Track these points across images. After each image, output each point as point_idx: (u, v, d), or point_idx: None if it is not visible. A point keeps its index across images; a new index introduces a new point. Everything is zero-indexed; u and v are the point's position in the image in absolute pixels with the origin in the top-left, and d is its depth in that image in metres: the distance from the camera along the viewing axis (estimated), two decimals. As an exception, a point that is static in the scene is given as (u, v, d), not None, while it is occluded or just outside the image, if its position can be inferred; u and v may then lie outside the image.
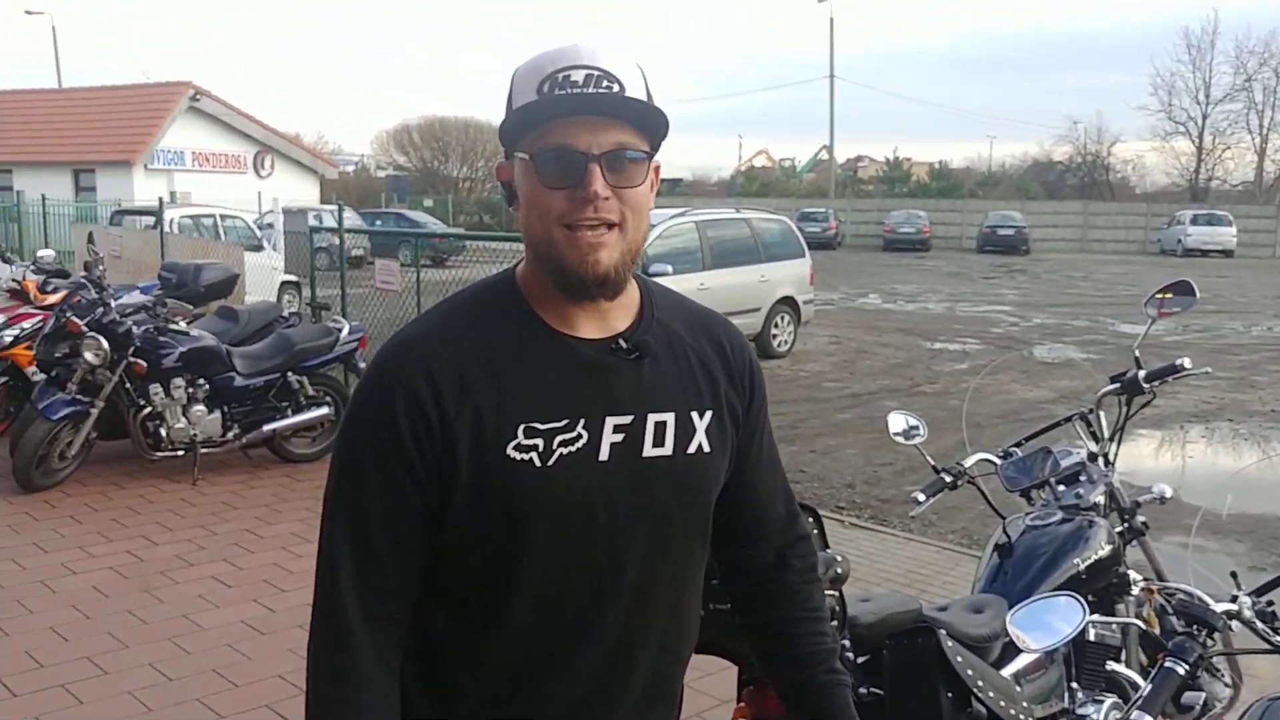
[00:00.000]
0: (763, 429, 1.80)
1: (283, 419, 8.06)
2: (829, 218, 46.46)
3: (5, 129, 32.83)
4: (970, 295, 25.90)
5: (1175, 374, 3.60)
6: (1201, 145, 58.45)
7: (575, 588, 1.58)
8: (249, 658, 4.88)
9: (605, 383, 1.58)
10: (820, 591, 1.88)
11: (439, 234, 23.31)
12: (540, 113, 1.50)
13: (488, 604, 1.58)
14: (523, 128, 1.52)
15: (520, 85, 1.54)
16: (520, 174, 1.55)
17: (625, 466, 1.58)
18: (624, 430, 1.58)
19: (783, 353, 15.04)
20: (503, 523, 1.53)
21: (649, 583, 1.63)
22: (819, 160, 66.94)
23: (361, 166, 59.61)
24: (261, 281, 13.42)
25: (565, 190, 1.50)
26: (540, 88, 1.50)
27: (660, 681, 1.71)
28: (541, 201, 1.51)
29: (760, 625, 1.85)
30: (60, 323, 7.55)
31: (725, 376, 1.70)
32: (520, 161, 1.54)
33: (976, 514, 7.32)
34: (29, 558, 6.15)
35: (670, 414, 1.62)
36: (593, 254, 1.51)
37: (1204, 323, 19.52)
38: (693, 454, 1.64)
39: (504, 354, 1.55)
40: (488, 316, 1.59)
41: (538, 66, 1.52)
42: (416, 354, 1.55)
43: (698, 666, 1.90)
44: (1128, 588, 3.27)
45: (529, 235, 1.56)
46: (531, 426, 1.53)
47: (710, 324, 1.75)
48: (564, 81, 1.50)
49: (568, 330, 1.58)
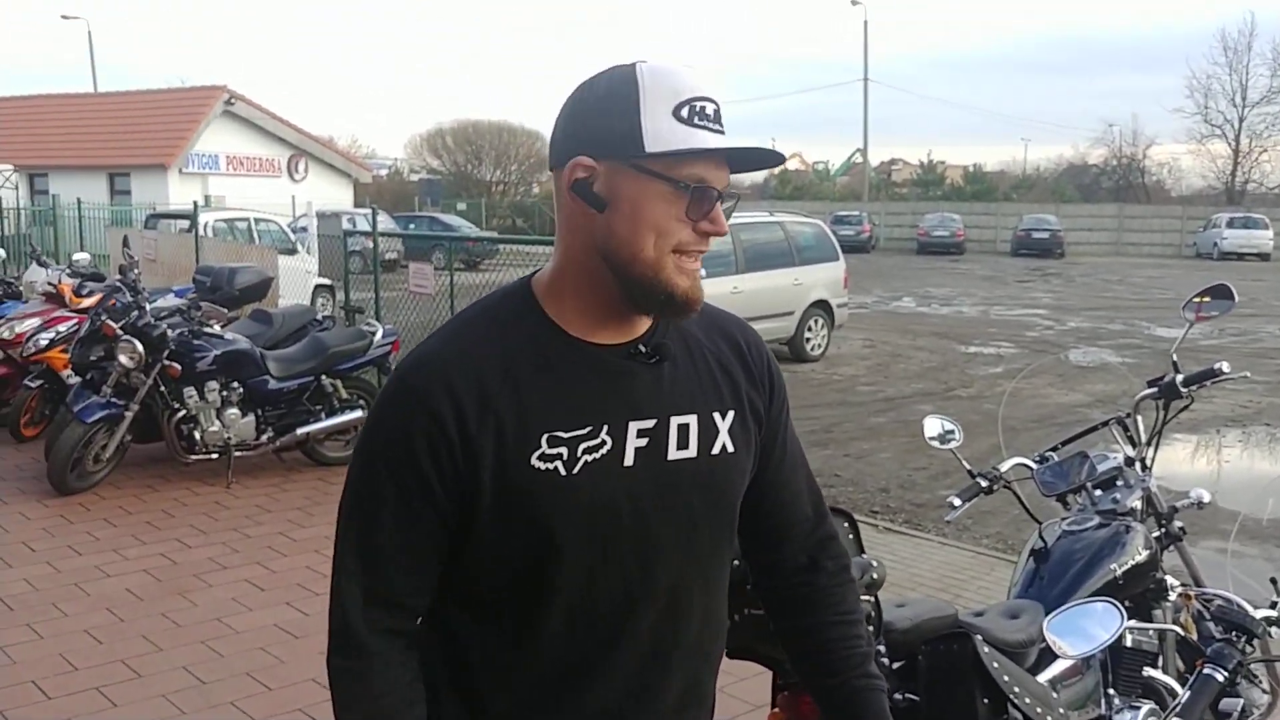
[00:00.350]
0: (785, 427, 1.79)
1: (316, 422, 8.10)
2: (863, 221, 46.31)
3: (42, 133, 33.20)
4: (1005, 299, 25.74)
5: (1213, 378, 3.55)
6: (1238, 148, 57.89)
7: (606, 594, 1.57)
8: (282, 661, 4.90)
9: (626, 387, 1.57)
10: (854, 594, 1.86)
11: (472, 237, 23.39)
12: (685, 138, 1.49)
13: (518, 613, 1.57)
14: (660, 147, 1.49)
15: (652, 98, 1.49)
16: (635, 187, 1.50)
17: (651, 471, 1.57)
18: (647, 434, 1.57)
19: (816, 356, 14.99)
20: (530, 533, 1.52)
21: (680, 586, 1.62)
22: (853, 163, 66.71)
23: (395, 170, 59.91)
24: (295, 285, 13.47)
25: (692, 222, 1.51)
26: (679, 111, 1.49)
27: (694, 686, 1.70)
28: (664, 225, 1.51)
29: (794, 630, 1.84)
30: (95, 326, 7.61)
31: (745, 376, 1.70)
32: (640, 175, 1.50)
33: (1012, 519, 7.27)
34: (64, 560, 6.20)
35: (693, 416, 1.61)
36: (697, 284, 1.55)
37: (1241, 326, 19.31)
38: (717, 454, 1.63)
39: (523, 363, 1.54)
40: (505, 326, 1.58)
41: (673, 86, 1.50)
42: (436, 371, 1.54)
43: (731, 671, 1.89)
44: (1165, 593, 3.23)
45: (629, 250, 1.52)
46: (555, 435, 1.52)
47: (725, 325, 1.74)
48: (701, 112, 1.50)
49: (587, 337, 1.57)
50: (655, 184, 1.50)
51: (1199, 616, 3.06)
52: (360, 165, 39.44)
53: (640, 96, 1.49)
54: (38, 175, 31.57)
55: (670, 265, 1.52)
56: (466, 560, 1.57)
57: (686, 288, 1.53)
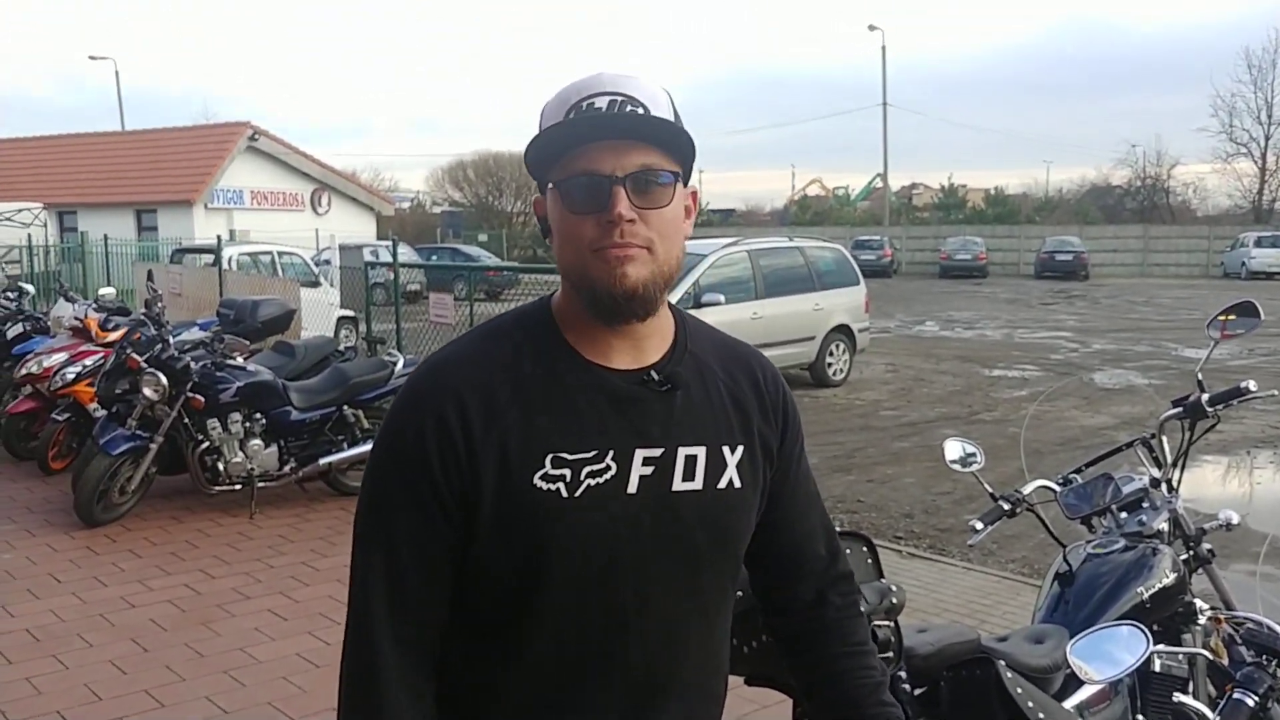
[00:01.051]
0: (798, 464, 1.76)
1: (339, 452, 8.11)
2: (884, 245, 46.30)
3: (71, 172, 33.64)
4: (1029, 321, 25.64)
5: (1240, 397, 3.51)
6: (1264, 166, 57.61)
7: (598, 621, 1.55)
8: (304, 691, 4.90)
9: (636, 414, 1.55)
10: (863, 626, 1.83)
11: (493, 267, 23.47)
12: (563, 139, 1.48)
13: (508, 633, 1.55)
14: (550, 158, 1.51)
15: (548, 118, 1.53)
16: (551, 204, 1.54)
17: (654, 500, 1.55)
18: (654, 463, 1.55)
19: (838, 381, 14.94)
20: (525, 552, 1.51)
21: (677, 619, 1.59)
22: (873, 188, 66.73)
23: (417, 203, 60.35)
24: (318, 316, 13.57)
25: (593, 216, 1.48)
26: (566, 117, 1.50)
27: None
28: (571, 229, 1.50)
29: (805, 665, 1.81)
30: (120, 359, 7.66)
31: (758, 411, 1.68)
32: (550, 192, 1.53)
33: (1036, 542, 7.21)
34: (89, 591, 6.22)
35: (701, 448, 1.59)
36: (620, 267, 1.48)
37: (1269, 345, 19.15)
38: (723, 489, 1.61)
39: (534, 382, 1.54)
40: (521, 344, 1.57)
41: (563, 98, 1.52)
42: (447, 379, 1.54)
43: (753, 699, 1.87)
44: (1194, 617, 3.18)
45: (562, 264, 1.54)
46: (559, 456, 1.51)
47: (743, 357, 1.72)
48: (588, 109, 1.49)
49: (600, 361, 1.56)
50: (552, 192, 1.52)
51: (1229, 640, 3.02)
52: (383, 198, 39.77)
53: (542, 121, 1.54)
54: (66, 213, 31.96)
55: (591, 261, 1.50)
56: (461, 575, 1.56)
57: (605, 277, 1.48)
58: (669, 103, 1.54)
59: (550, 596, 1.52)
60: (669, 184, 1.51)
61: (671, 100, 1.55)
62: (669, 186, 1.51)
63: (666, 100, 1.54)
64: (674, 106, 1.55)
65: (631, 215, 1.47)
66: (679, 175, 1.53)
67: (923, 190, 75.55)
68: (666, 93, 1.55)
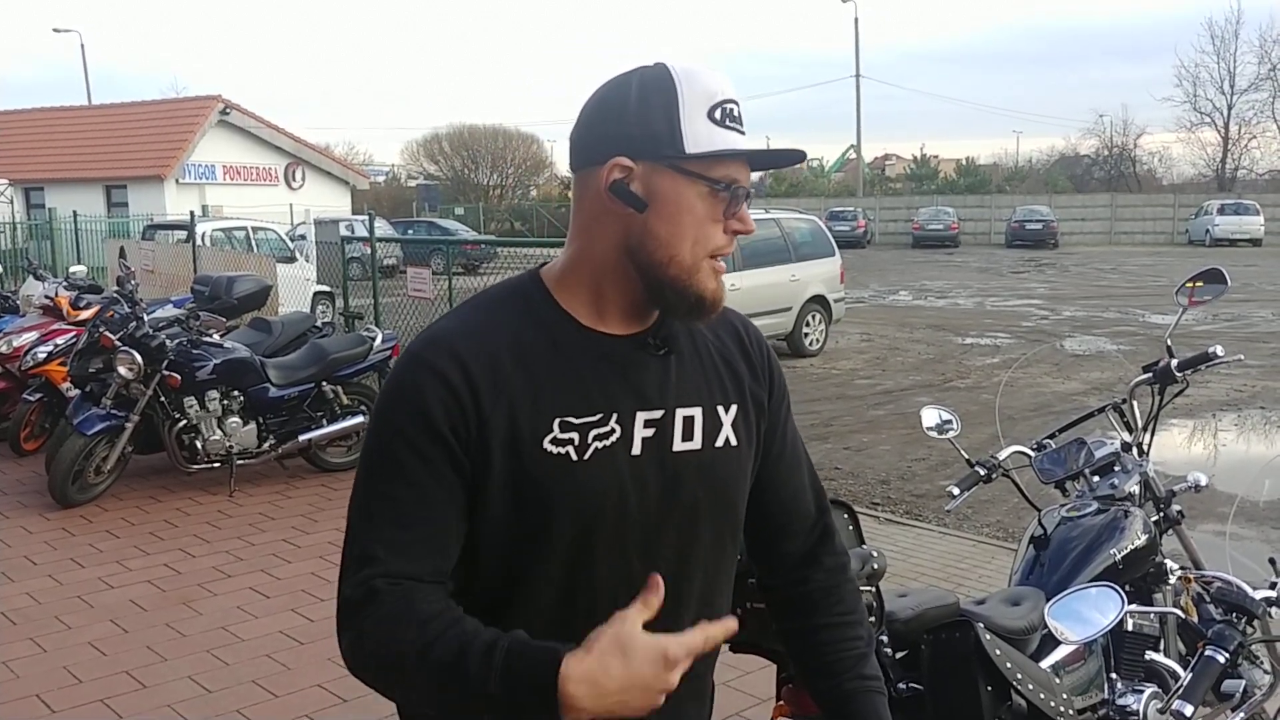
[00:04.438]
0: (786, 421, 1.80)
1: (318, 429, 8.12)
2: (858, 216, 46.46)
3: (37, 147, 33.17)
4: (1000, 290, 25.77)
5: (1208, 362, 3.57)
6: (1227, 135, 58.11)
7: (606, 580, 1.57)
8: (288, 668, 4.91)
9: (635, 378, 1.58)
10: (853, 592, 1.86)
11: (471, 241, 23.38)
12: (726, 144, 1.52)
13: (515, 593, 1.57)
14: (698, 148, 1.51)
15: (689, 99, 1.52)
16: (676, 188, 1.53)
17: (657, 461, 1.58)
18: (654, 425, 1.58)
19: (814, 351, 15.02)
20: (537, 515, 1.52)
21: (682, 578, 1.62)
22: (847, 159, 66.67)
23: (392, 176, 59.95)
24: (294, 292, 13.48)
25: (724, 222, 1.55)
26: (712, 113, 1.52)
27: (692, 679, 1.66)
28: (704, 228, 1.54)
29: (794, 630, 1.84)
30: (94, 338, 7.62)
31: (747, 369, 1.72)
32: (681, 176, 1.52)
33: (1011, 507, 7.29)
34: (66, 573, 6.20)
35: (697, 409, 1.62)
36: (722, 285, 1.59)
37: (1234, 311, 19.35)
38: (720, 448, 1.64)
39: (536, 349, 1.55)
40: (516, 313, 1.58)
41: (706, 89, 1.53)
42: (450, 347, 1.53)
43: (736, 665, 1.90)
44: (1165, 577, 3.24)
45: (666, 252, 1.53)
46: (567, 420, 1.53)
47: (727, 318, 1.74)
48: (733, 115, 1.54)
49: (598, 326, 1.58)
50: (696, 185, 1.52)
51: (1199, 599, 3.07)
52: (357, 172, 39.44)
53: (679, 98, 1.51)
54: (33, 189, 31.55)
55: (705, 268, 1.55)
56: (469, 534, 1.55)
57: (714, 289, 1.57)
58: None
59: (557, 556, 1.54)
60: None
61: None
62: None
63: None
64: None
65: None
66: None
67: (895, 161, 75.66)
68: None
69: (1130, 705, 2.84)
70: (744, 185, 1.54)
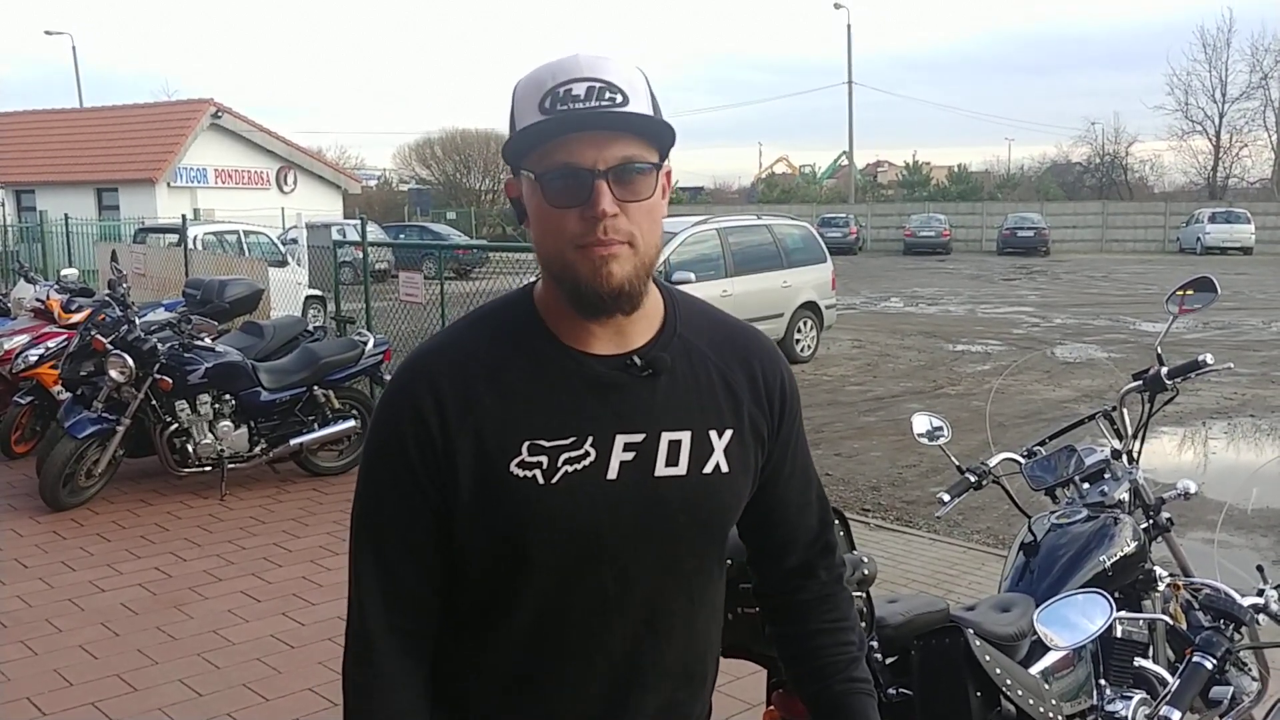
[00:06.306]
0: (794, 445, 1.75)
1: (309, 433, 8.11)
2: (850, 223, 46.47)
3: (28, 150, 33.09)
4: (991, 297, 25.82)
5: (1198, 370, 3.59)
6: (1219, 143, 58.22)
7: (579, 607, 1.56)
8: (279, 671, 4.91)
9: (617, 400, 1.55)
10: (846, 600, 1.85)
11: (462, 245, 23.33)
12: (544, 131, 1.46)
13: (491, 614, 1.58)
14: (527, 146, 1.48)
15: (522, 101, 1.49)
16: (528, 192, 1.51)
17: (636, 485, 1.55)
18: (635, 449, 1.55)
19: (806, 357, 15.04)
20: (506, 537, 1.52)
21: (661, 603, 1.60)
22: (839, 166, 66.87)
23: (384, 180, 59.84)
24: (286, 296, 13.45)
25: (574, 209, 1.45)
26: (542, 104, 1.46)
27: (675, 705, 1.68)
28: (552, 223, 1.47)
29: (786, 635, 1.83)
30: (85, 341, 7.60)
31: (750, 394, 1.65)
32: (527, 180, 1.50)
33: (1001, 514, 7.31)
34: (57, 576, 6.20)
35: (686, 432, 1.58)
36: (605, 266, 1.46)
37: (1224, 319, 19.41)
38: (709, 474, 1.59)
39: (514, 370, 1.54)
40: (503, 332, 1.58)
41: (538, 81, 1.48)
42: (425, 370, 1.55)
43: (727, 670, 1.90)
44: (1154, 584, 3.25)
45: (542, 254, 1.52)
46: (536, 443, 1.51)
47: (739, 339, 1.70)
48: (565, 96, 1.45)
49: (582, 347, 1.55)
50: (532, 183, 1.49)
51: (1188, 606, 3.09)
52: (349, 176, 39.38)
53: (515, 104, 1.51)
54: (24, 192, 31.48)
55: (578, 258, 1.47)
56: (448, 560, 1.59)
57: (589, 274, 1.46)
58: (646, 86, 1.51)
59: (526, 582, 1.54)
60: (649, 173, 1.48)
61: (648, 82, 1.52)
62: (649, 175, 1.48)
63: (643, 83, 1.51)
64: (650, 89, 1.52)
65: (615, 210, 1.44)
66: (658, 164, 1.50)
67: (887, 168, 75.75)
68: (643, 74, 1.52)
69: (1119, 711, 2.85)
70: (576, 163, 1.44)
